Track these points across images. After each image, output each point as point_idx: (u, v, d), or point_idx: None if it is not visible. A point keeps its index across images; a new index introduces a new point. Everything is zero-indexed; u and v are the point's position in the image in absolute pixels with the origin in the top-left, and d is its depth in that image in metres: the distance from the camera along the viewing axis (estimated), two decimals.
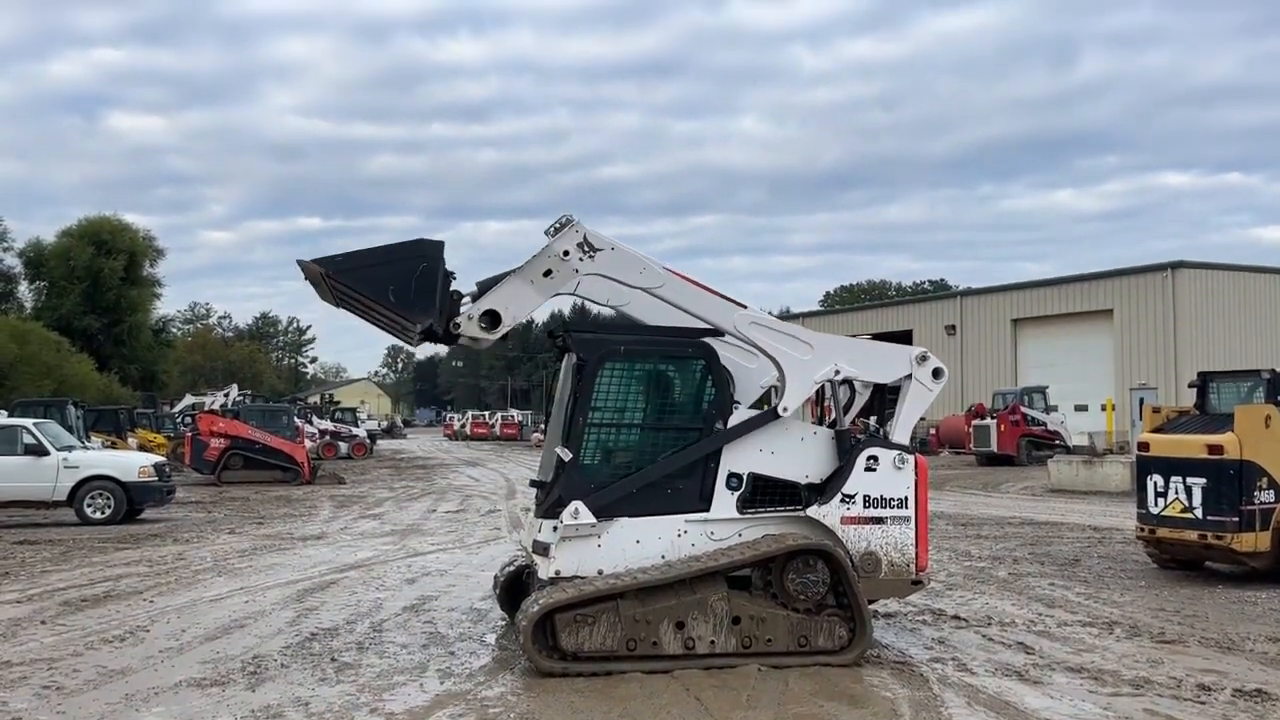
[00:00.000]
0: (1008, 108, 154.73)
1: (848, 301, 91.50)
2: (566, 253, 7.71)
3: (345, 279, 7.50)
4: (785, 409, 7.87)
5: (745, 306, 8.04)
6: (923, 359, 8.14)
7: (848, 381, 8.37)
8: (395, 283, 7.39)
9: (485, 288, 7.77)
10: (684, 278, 7.96)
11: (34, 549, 14.50)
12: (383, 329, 8.39)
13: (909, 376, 8.12)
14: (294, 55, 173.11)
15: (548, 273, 7.74)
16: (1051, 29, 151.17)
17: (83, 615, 9.70)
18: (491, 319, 7.68)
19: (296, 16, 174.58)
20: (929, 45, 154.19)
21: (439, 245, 7.57)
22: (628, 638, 7.34)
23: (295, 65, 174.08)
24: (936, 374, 8.17)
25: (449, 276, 7.67)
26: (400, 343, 8.57)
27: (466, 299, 7.76)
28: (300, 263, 7.67)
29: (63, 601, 10.37)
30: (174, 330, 77.09)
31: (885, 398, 8.50)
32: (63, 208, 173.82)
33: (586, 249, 7.73)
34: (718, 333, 8.12)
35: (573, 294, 7.99)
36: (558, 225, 7.78)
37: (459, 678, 7.40)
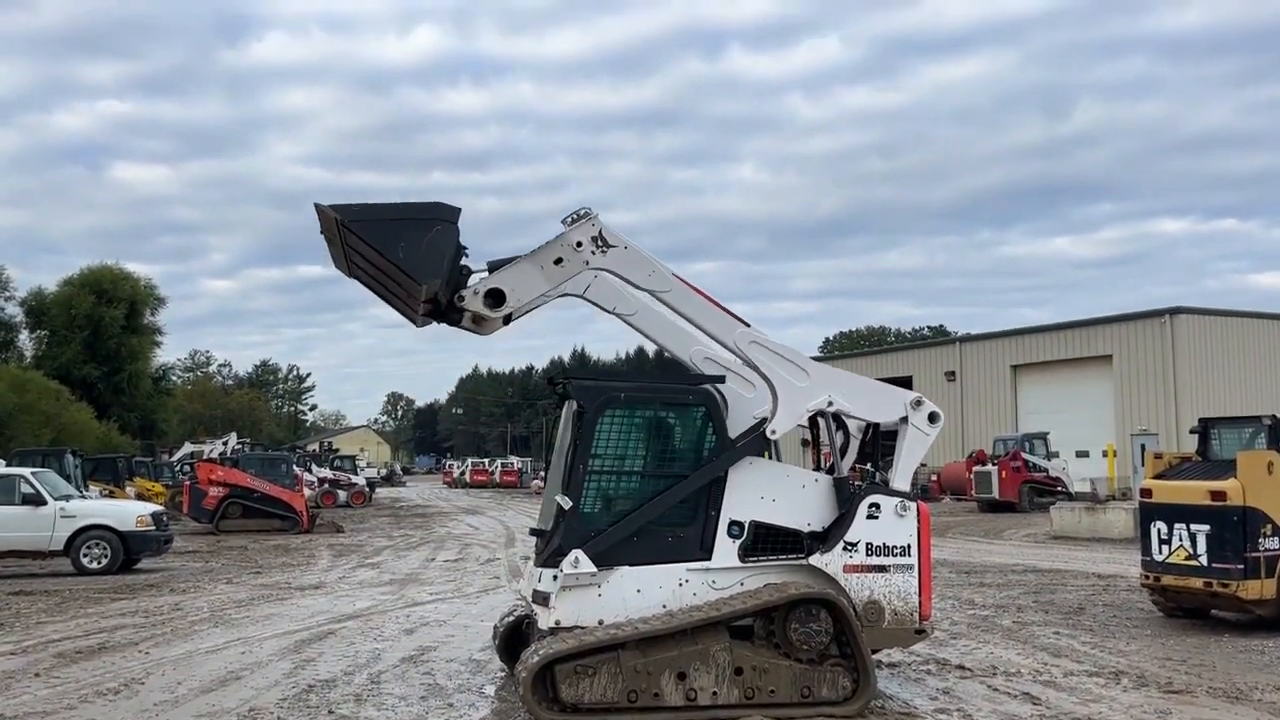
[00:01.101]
0: (1004, 156, 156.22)
1: (848, 347, 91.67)
2: (579, 244, 7.73)
3: (359, 229, 7.33)
4: (774, 431, 7.84)
5: (748, 325, 8.05)
6: (918, 404, 8.13)
7: (842, 425, 8.35)
8: (407, 240, 7.24)
9: (495, 268, 7.75)
10: (692, 287, 7.98)
11: (29, 599, 14.37)
12: (389, 301, 8.26)
13: (905, 420, 8.10)
14: (296, 106, 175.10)
15: (558, 261, 7.75)
16: (1045, 79, 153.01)
17: (77, 667, 9.58)
18: (496, 298, 7.65)
19: (299, 68, 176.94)
20: (925, 95, 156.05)
21: (456, 211, 7.49)
22: (629, 689, 7.24)
23: (297, 116, 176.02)
24: (932, 418, 8.15)
25: (462, 248, 7.61)
26: (406, 321, 8.43)
27: (476, 275, 7.73)
28: (318, 206, 7.49)
29: (57, 653, 10.26)
30: (174, 378, 77.23)
31: (880, 443, 8.46)
32: (65, 257, 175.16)
33: (600, 243, 7.76)
34: (719, 379, 8.12)
35: (581, 296, 7.99)
36: (575, 216, 7.80)
37: None
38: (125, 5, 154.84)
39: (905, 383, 47.15)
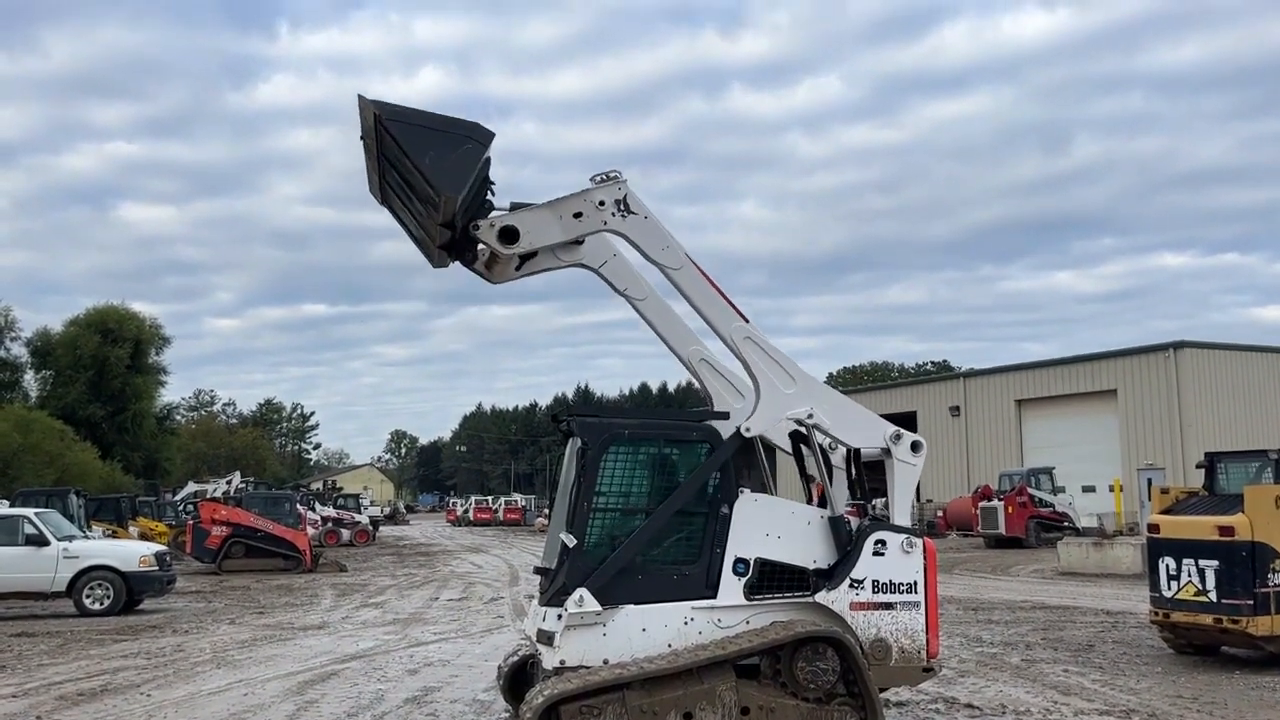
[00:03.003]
0: (1005, 191, 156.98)
1: (851, 383, 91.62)
2: (602, 203, 7.77)
3: (394, 129, 7.33)
4: (748, 429, 7.81)
5: (748, 320, 8.06)
6: (897, 437, 8.05)
7: (826, 458, 8.30)
8: (437, 148, 7.25)
9: (517, 208, 7.79)
10: (701, 271, 8.01)
11: (31, 641, 14.30)
12: (411, 234, 8.29)
13: (888, 453, 8.06)
14: (301, 146, 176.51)
15: (578, 214, 7.79)
16: (1044, 115, 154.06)
17: (79, 710, 9.52)
18: (509, 235, 7.67)
19: (304, 109, 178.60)
20: (925, 131, 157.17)
21: (490, 134, 7.48)
22: None
23: (302, 156, 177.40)
24: (915, 448, 8.08)
25: (489, 181, 7.63)
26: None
27: (496, 212, 7.76)
28: (360, 98, 7.53)
29: (59, 695, 10.19)
30: (178, 417, 77.31)
31: (864, 475, 8.42)
32: (71, 297, 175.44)
33: (622, 206, 7.80)
34: (722, 415, 8.11)
35: (596, 270, 8.02)
36: (604, 176, 7.85)
37: None
38: (132, 47, 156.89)
39: (910, 418, 47.19)
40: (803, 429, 8.02)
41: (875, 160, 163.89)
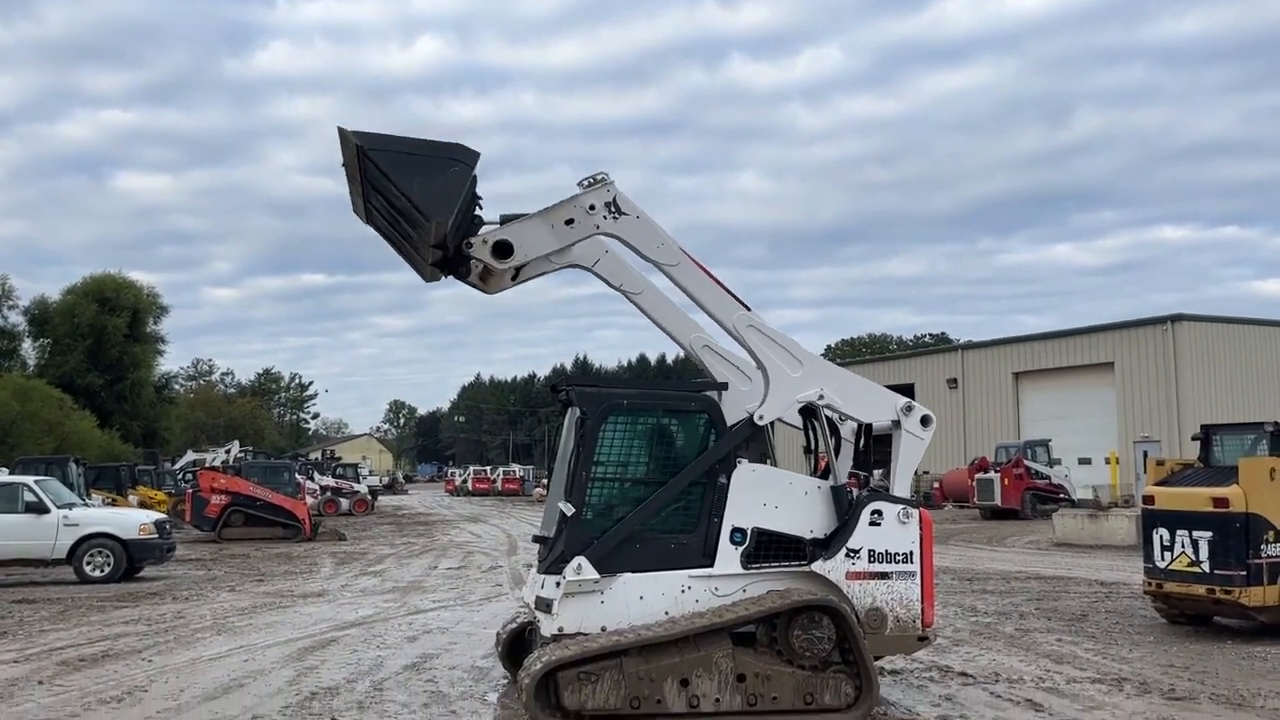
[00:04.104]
0: (1005, 164, 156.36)
1: (849, 355, 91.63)
2: (592, 207, 7.78)
3: (378, 158, 7.35)
4: (761, 417, 7.86)
5: (749, 309, 8.07)
6: (909, 409, 8.11)
7: (835, 430, 8.34)
8: (423, 174, 7.25)
9: (507, 221, 7.79)
10: (698, 264, 8.01)
11: (32, 608, 14.39)
12: (401, 251, 8.27)
13: (897, 425, 8.10)
14: (299, 115, 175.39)
15: (570, 221, 7.79)
16: (1045, 87, 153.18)
17: (80, 675, 9.59)
18: (504, 249, 7.67)
19: (302, 77, 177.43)
20: (925, 103, 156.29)
21: (475, 155, 7.50)
22: (631, 696, 7.25)
23: (300, 125, 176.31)
24: (925, 421, 8.13)
25: (477, 197, 7.64)
26: (415, 275, 8.45)
27: (487, 226, 7.76)
28: (341, 130, 7.53)
29: (60, 661, 10.27)
30: (176, 387, 77.29)
31: (872, 448, 8.46)
32: (68, 266, 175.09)
33: (613, 208, 7.81)
34: (721, 386, 8.14)
35: (590, 269, 8.01)
36: (591, 180, 7.84)
37: None
38: (129, 13, 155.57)
39: (908, 390, 46.98)
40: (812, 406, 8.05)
41: (875, 132, 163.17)
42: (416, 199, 7.28)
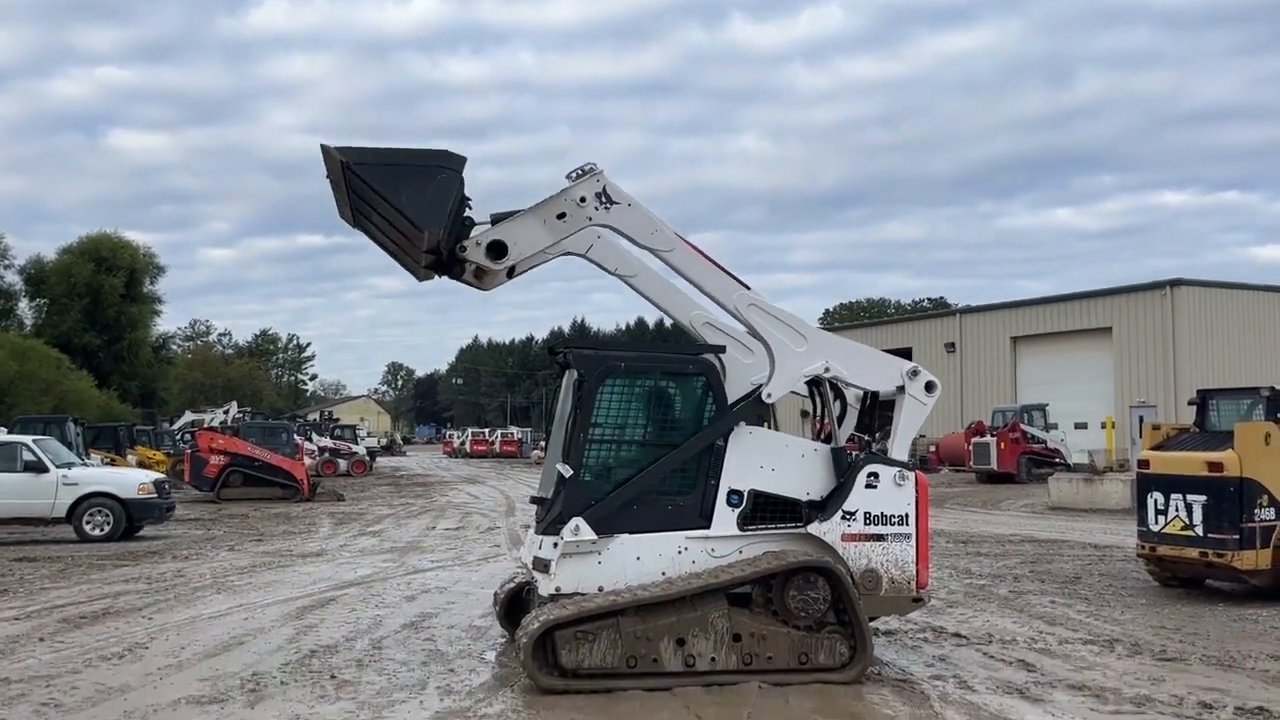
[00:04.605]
0: (1007, 127, 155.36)
1: (847, 319, 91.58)
2: (583, 199, 7.73)
3: (364, 172, 7.32)
4: (769, 395, 7.88)
5: (749, 288, 8.06)
6: (914, 373, 8.15)
7: (840, 394, 8.37)
8: (411, 184, 7.23)
9: (498, 220, 7.75)
10: (694, 248, 7.98)
11: (33, 566, 14.47)
12: (392, 253, 8.26)
13: (901, 390, 8.13)
14: (296, 74, 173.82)
15: (561, 215, 7.75)
16: (1049, 49, 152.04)
17: (81, 632, 9.67)
18: (498, 250, 7.65)
19: (298, 35, 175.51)
20: (927, 65, 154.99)
21: (462, 160, 7.47)
22: (628, 655, 7.32)
23: (297, 84, 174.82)
24: (929, 388, 8.17)
25: (466, 199, 7.60)
26: (409, 275, 8.43)
27: (479, 227, 7.73)
28: (324, 148, 7.49)
29: (61, 619, 10.34)
30: (174, 347, 77.21)
31: (878, 413, 8.49)
32: (64, 225, 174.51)
33: (604, 199, 7.75)
34: (719, 349, 8.14)
35: (583, 255, 7.99)
36: (580, 171, 7.79)
37: (459, 695, 7.38)
38: None
39: (905, 354, 46.81)
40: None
41: (877, 93, 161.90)
42: (407, 210, 7.27)
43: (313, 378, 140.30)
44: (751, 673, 7.47)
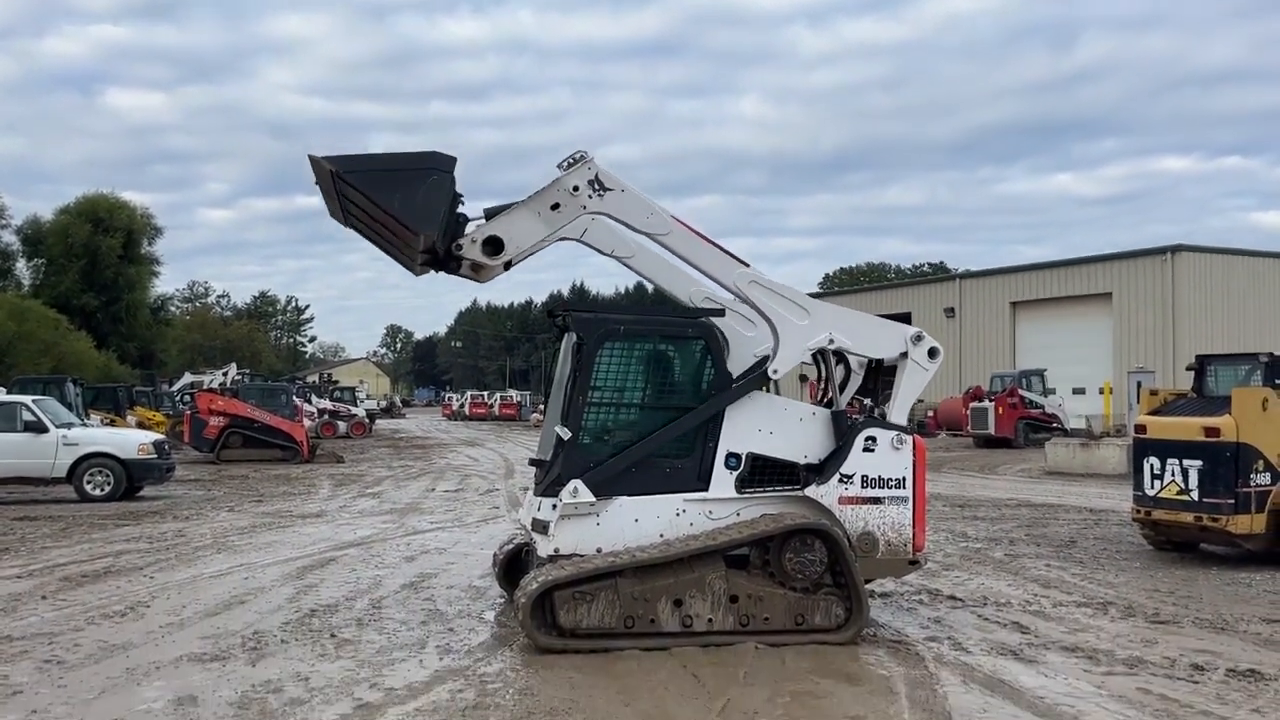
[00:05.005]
0: (1008, 91, 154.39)
1: (847, 284, 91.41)
2: (576, 188, 7.70)
3: (354, 179, 7.32)
4: (775, 371, 7.89)
5: (748, 265, 8.04)
6: (918, 338, 8.17)
7: (843, 358, 8.38)
8: (403, 190, 7.24)
9: (492, 214, 7.74)
10: (690, 229, 7.96)
11: (34, 525, 14.54)
12: (386, 250, 8.27)
13: (904, 355, 8.15)
14: (293, 32, 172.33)
15: (555, 206, 7.72)
16: (1052, 11, 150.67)
17: (83, 590, 9.74)
18: (494, 245, 7.65)
19: None
20: (930, 27, 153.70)
21: (451, 160, 7.47)
22: (626, 615, 7.38)
23: (294, 43, 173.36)
24: (932, 353, 8.19)
25: (458, 197, 7.59)
26: (403, 269, 8.46)
27: (473, 223, 7.72)
28: (311, 158, 7.50)
29: (63, 577, 10.41)
30: (172, 309, 77.08)
31: (881, 378, 8.51)
32: (61, 185, 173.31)
33: (597, 186, 7.72)
34: (718, 312, 8.12)
35: (579, 239, 7.97)
36: (571, 160, 7.75)
37: (458, 654, 7.45)
38: None
39: (904, 319, 46.90)
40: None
41: (879, 57, 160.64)
42: (400, 215, 7.28)
43: (312, 340, 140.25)
44: (748, 633, 7.53)
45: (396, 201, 7.24)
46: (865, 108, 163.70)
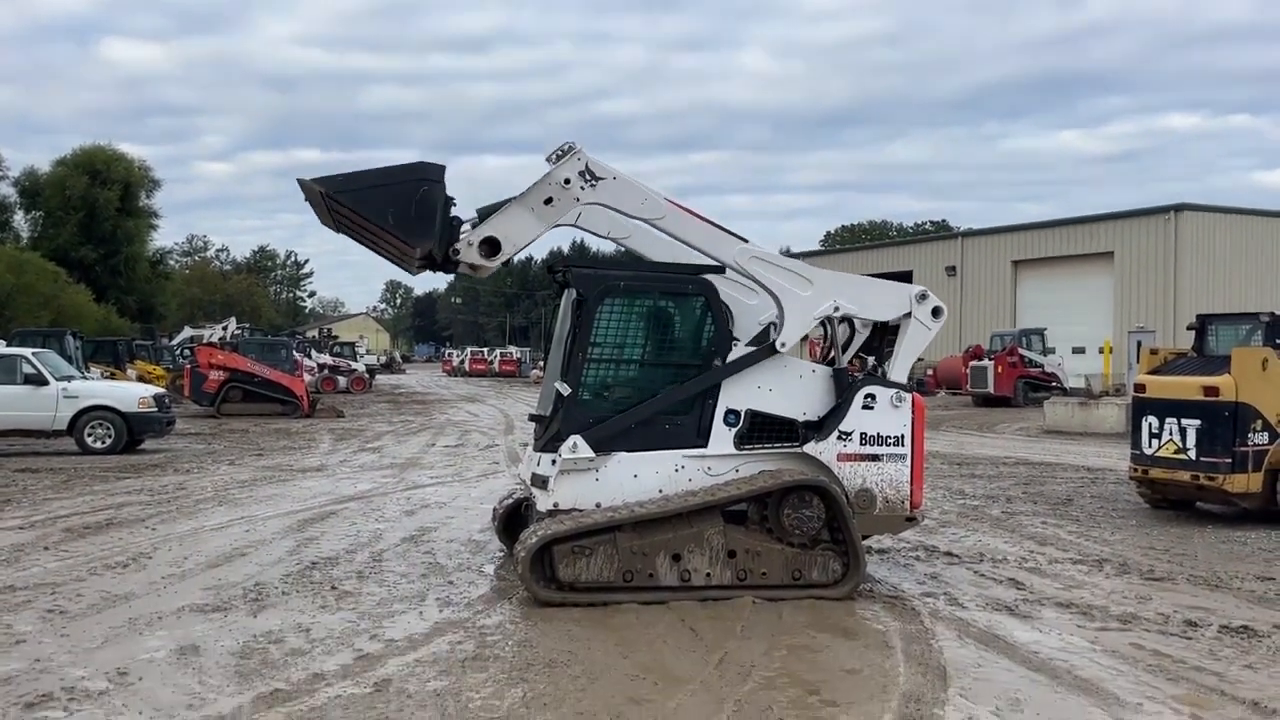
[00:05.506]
0: (1015, 47, 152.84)
1: (849, 241, 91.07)
2: (568, 180, 7.66)
3: (345, 199, 7.41)
4: (783, 344, 7.88)
5: (746, 241, 8.01)
6: (922, 297, 8.16)
7: (848, 319, 8.38)
8: (395, 205, 7.33)
9: (486, 214, 7.74)
10: (686, 210, 7.92)
11: (35, 477, 14.61)
12: (381, 255, 8.35)
13: (908, 315, 8.14)
14: None
15: (549, 200, 7.70)
16: None
17: (85, 542, 9.80)
18: (491, 246, 7.66)
19: None
20: None
21: (440, 169, 7.51)
22: (624, 569, 7.43)
23: None
24: (936, 313, 8.18)
25: (449, 201, 7.61)
26: (400, 271, 8.59)
27: (467, 225, 7.73)
28: (300, 181, 7.60)
29: (65, 528, 10.47)
30: (172, 262, 76.76)
31: (885, 337, 8.50)
32: (58, 137, 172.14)
33: (588, 177, 7.68)
34: (718, 269, 8.09)
35: (574, 225, 7.94)
36: (560, 152, 7.72)
37: (458, 606, 7.51)
38: None
39: (906, 277, 46.78)
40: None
41: (883, 10, 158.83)
42: (395, 232, 7.36)
43: (311, 295, 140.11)
44: (746, 588, 7.59)
45: (390, 218, 7.35)
46: (869, 62, 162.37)
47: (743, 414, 7.88)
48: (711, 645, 6.54)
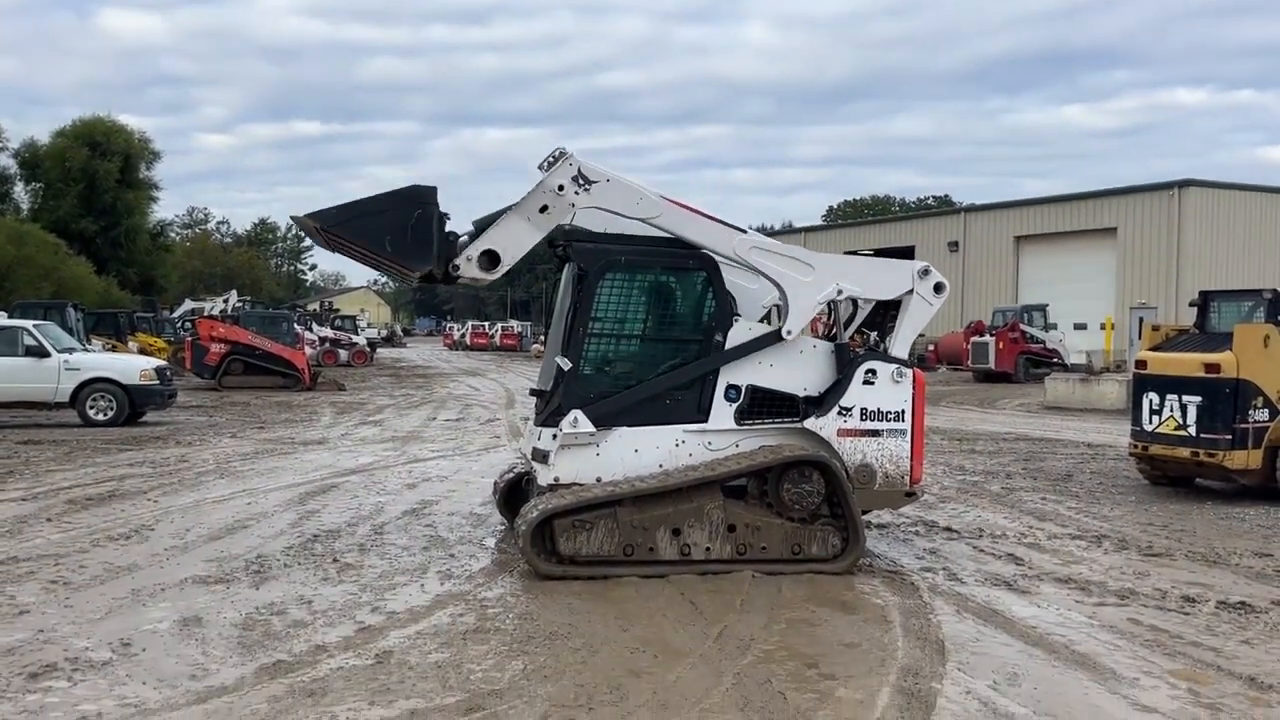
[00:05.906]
0: (1020, 20, 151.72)
1: (851, 216, 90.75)
2: (561, 187, 7.65)
3: (341, 232, 7.53)
4: (789, 332, 7.88)
5: (745, 231, 8.00)
6: (924, 273, 8.15)
7: (851, 298, 8.38)
8: (391, 232, 7.44)
9: (482, 226, 7.77)
10: (682, 206, 7.90)
11: (38, 449, 14.64)
12: (382, 272, 8.47)
13: (910, 291, 8.13)
14: None
15: (544, 208, 7.70)
16: None
17: (88, 514, 9.84)
18: (491, 259, 7.67)
19: None
20: None
21: (432, 190, 7.59)
22: (625, 543, 7.46)
23: None
24: (938, 288, 8.17)
25: (444, 219, 7.67)
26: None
27: (464, 239, 7.74)
28: (294, 219, 7.77)
29: (68, 500, 10.52)
30: (172, 235, 76.66)
31: (887, 312, 8.50)
32: (57, 108, 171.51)
33: (581, 182, 7.66)
34: None
35: (569, 225, 7.96)
36: (551, 159, 7.70)
37: (459, 579, 7.55)
38: None
39: (908, 253, 46.91)
40: None
41: None
42: (394, 259, 7.49)
43: (312, 268, 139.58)
44: (745, 562, 7.62)
45: (388, 245, 7.45)
46: (872, 36, 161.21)
47: (744, 389, 7.89)
48: (711, 619, 6.58)
